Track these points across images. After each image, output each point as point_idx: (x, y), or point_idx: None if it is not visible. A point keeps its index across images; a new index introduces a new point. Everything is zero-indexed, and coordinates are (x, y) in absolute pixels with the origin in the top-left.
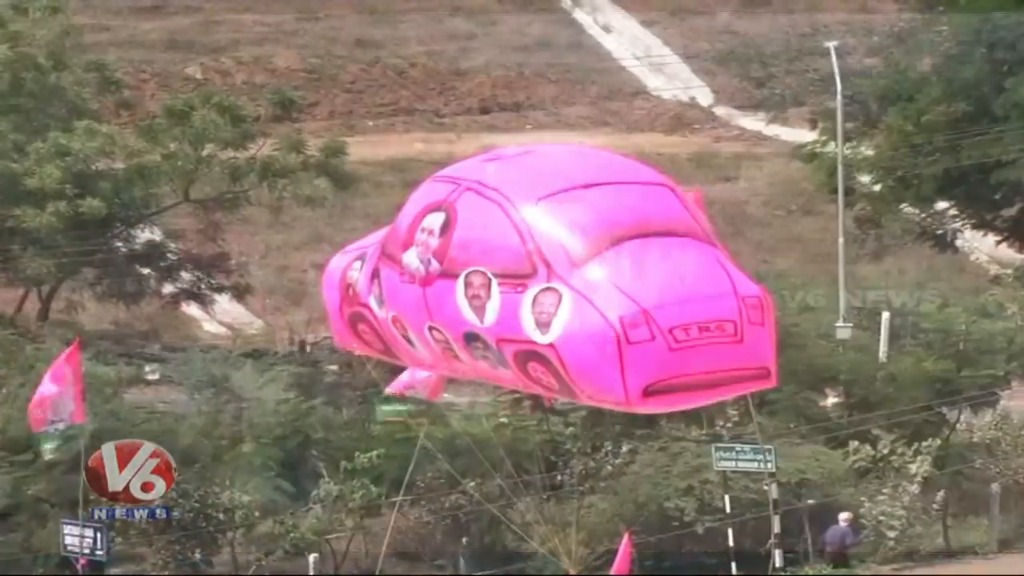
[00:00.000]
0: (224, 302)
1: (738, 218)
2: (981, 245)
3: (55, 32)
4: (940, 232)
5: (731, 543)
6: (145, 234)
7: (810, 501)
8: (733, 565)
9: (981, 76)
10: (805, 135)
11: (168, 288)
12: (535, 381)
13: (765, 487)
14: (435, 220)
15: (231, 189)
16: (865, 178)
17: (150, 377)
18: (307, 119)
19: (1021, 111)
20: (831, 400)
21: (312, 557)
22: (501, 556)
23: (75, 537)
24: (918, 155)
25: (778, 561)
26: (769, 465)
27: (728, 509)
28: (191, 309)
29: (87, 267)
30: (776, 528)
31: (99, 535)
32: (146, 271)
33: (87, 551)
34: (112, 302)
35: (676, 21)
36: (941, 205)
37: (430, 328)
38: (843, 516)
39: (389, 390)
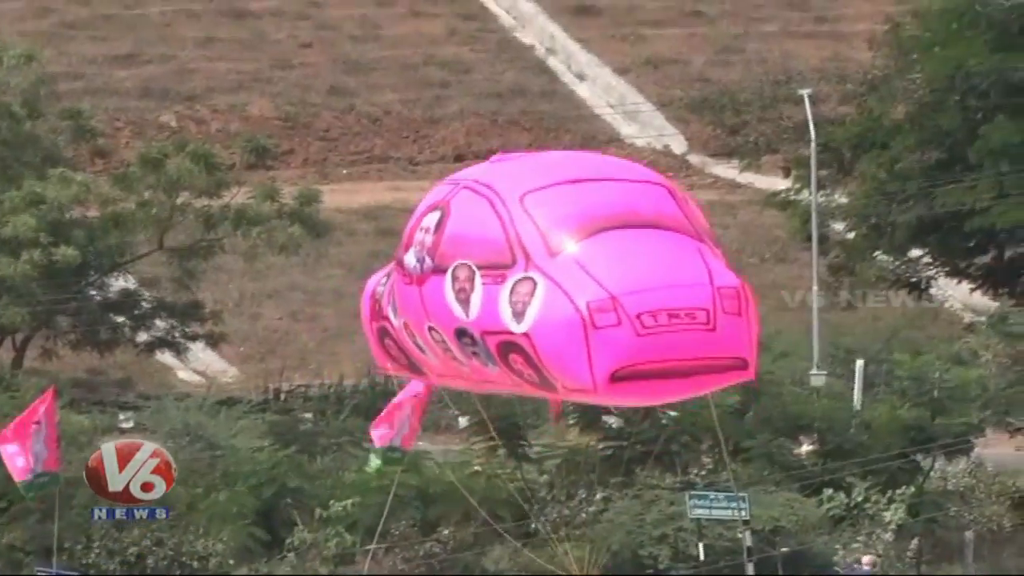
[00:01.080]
0: (198, 350)
1: None
2: (955, 292)
3: (30, 80)
4: (914, 280)
5: None
6: (119, 282)
7: (784, 549)
8: None
9: (955, 124)
10: (779, 183)
11: (142, 336)
12: (518, 375)
13: (739, 535)
14: (432, 219)
15: (205, 237)
16: (839, 226)
17: (124, 425)
18: (281, 167)
19: (995, 159)
20: (805, 448)
21: None
22: None
23: None
24: (892, 203)
25: None
26: (743, 513)
27: (702, 557)
28: (165, 357)
29: (61, 315)
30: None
31: None
32: (120, 319)
33: None
34: (86, 350)
35: (649, 69)
36: (915, 253)
37: (429, 328)
38: (867, 559)
39: (377, 445)
